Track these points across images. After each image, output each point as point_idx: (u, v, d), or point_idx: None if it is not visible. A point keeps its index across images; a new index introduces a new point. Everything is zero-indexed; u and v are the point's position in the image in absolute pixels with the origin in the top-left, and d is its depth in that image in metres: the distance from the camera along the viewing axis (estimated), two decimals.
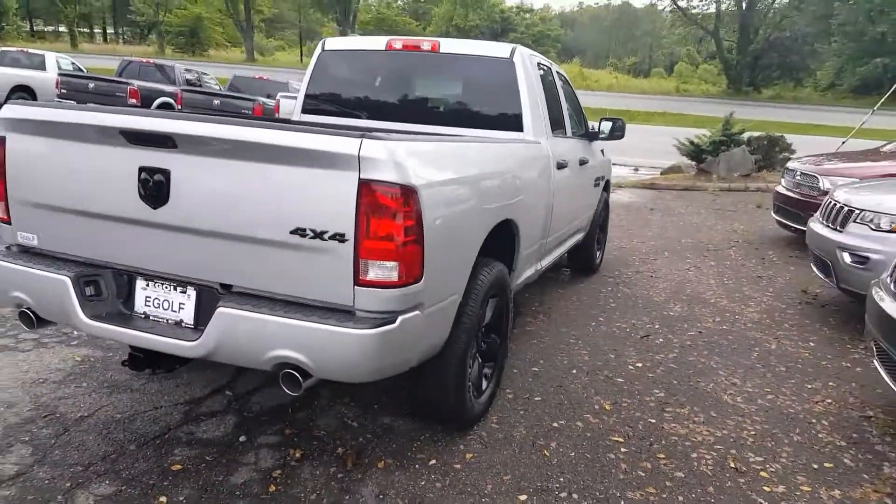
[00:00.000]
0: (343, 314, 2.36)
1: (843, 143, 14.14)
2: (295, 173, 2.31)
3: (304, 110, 4.62)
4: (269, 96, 15.25)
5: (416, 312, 2.45)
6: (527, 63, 4.17)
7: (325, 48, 4.60)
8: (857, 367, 4.53)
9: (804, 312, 5.77)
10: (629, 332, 4.96)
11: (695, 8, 52.74)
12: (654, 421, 3.54)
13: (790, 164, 8.98)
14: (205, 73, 17.99)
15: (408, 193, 2.27)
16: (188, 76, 16.60)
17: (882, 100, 14.35)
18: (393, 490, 2.75)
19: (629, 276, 6.66)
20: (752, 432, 3.49)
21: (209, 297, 2.56)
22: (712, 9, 52.15)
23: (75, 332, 4.09)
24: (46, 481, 2.65)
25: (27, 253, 2.88)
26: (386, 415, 3.38)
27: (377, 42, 4.48)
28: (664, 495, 2.86)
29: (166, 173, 2.47)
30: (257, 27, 60.96)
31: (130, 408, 3.27)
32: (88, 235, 2.72)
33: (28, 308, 2.77)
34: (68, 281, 2.64)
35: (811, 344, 4.96)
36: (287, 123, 3.93)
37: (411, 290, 2.39)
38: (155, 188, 2.49)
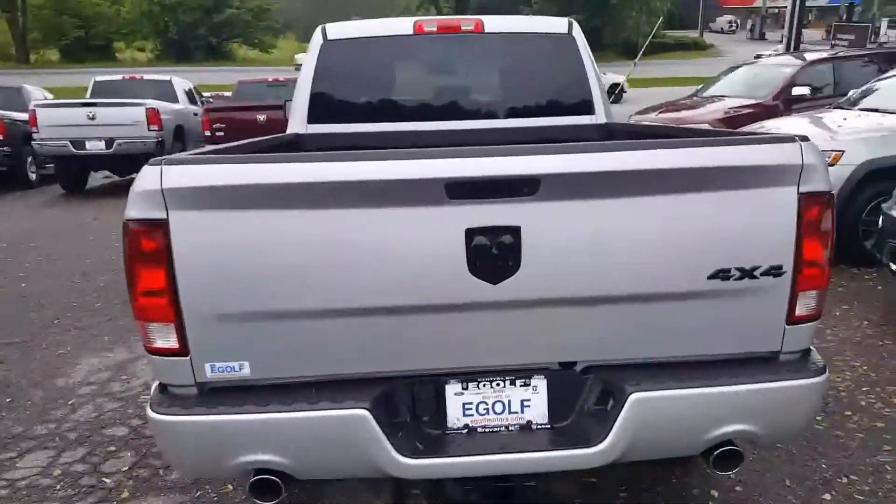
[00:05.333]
0: (762, 362, 1.94)
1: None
2: (711, 201, 1.78)
3: (312, 119, 3.65)
4: None
5: None
6: (583, 37, 3.78)
7: (329, 37, 3.65)
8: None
9: None
10: None
11: None
12: None
13: (633, 119, 9.85)
14: None
15: (832, 202, 1.88)
16: None
17: (640, 53, 16.51)
18: None
19: None
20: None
21: (560, 383, 1.95)
22: None
23: (107, 482, 2.80)
24: None
25: (222, 393, 1.83)
26: None
27: (399, 25, 3.68)
28: None
29: (516, 232, 1.72)
30: None
31: None
32: (361, 342, 1.81)
33: (272, 472, 1.78)
34: (367, 414, 1.76)
35: None
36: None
37: None
38: (499, 255, 1.74)
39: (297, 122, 3.66)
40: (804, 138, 1.81)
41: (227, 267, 1.71)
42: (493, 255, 1.73)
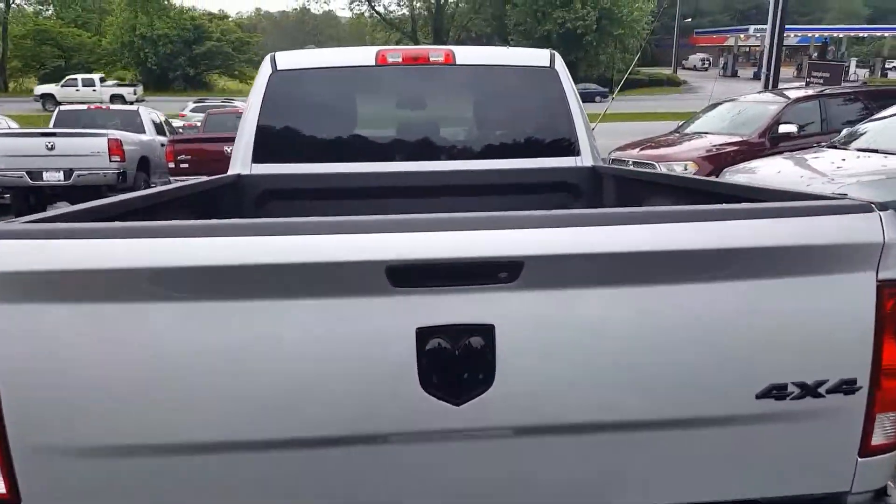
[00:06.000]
0: None
1: (594, 127, 15.78)
2: (761, 293, 1.33)
3: (258, 158, 3.18)
4: None
5: None
6: (566, 70, 3.37)
7: (278, 67, 3.20)
8: None
9: None
10: None
11: (392, 13, 55.80)
12: None
13: (613, 156, 9.46)
14: None
15: None
16: None
17: (618, 88, 16.31)
18: None
19: None
20: None
21: None
22: (406, 11, 55.55)
23: None
24: None
25: None
26: None
27: (359, 55, 3.25)
28: None
29: (487, 332, 1.24)
30: None
31: None
32: (264, 487, 1.32)
33: None
34: None
35: None
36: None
37: None
38: (464, 365, 1.26)
39: (240, 162, 3.20)
40: (884, 207, 1.36)
41: (74, 383, 1.22)
42: (457, 364, 1.26)
